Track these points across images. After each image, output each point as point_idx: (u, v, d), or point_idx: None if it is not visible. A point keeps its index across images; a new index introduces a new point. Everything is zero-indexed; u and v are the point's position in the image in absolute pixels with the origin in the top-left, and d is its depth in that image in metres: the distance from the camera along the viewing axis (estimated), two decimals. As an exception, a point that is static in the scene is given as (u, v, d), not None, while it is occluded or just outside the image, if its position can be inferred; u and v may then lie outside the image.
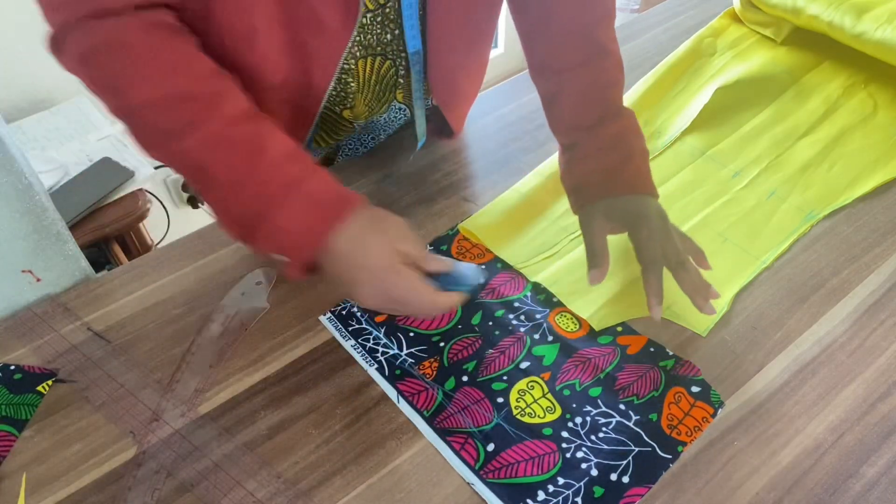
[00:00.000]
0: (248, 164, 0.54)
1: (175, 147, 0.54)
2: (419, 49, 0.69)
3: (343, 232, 0.54)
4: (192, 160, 0.54)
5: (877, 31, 0.91)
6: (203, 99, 0.54)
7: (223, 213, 0.56)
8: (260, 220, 0.54)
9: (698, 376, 0.63)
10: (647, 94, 0.94)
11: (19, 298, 0.71)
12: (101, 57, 0.53)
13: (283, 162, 0.55)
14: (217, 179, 0.54)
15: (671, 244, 0.64)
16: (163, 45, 0.54)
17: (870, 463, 0.57)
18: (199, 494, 0.56)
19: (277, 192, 0.54)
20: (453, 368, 0.64)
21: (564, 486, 0.56)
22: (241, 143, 0.54)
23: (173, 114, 0.53)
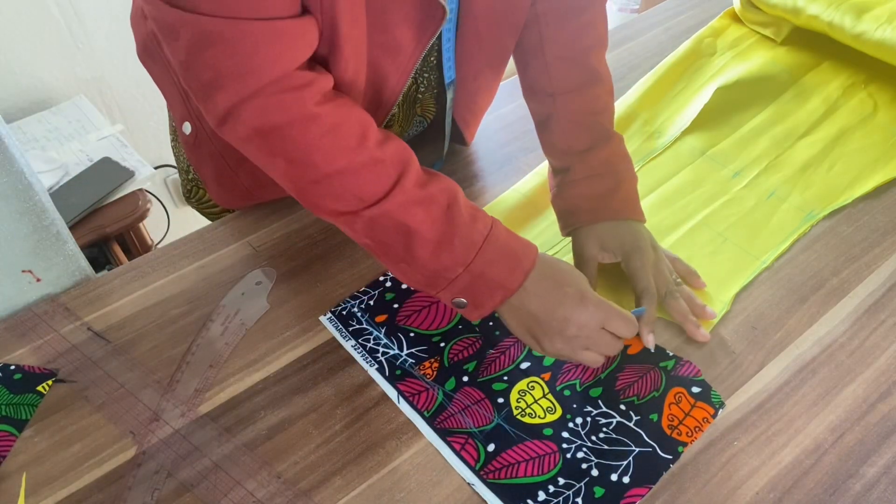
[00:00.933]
0: (449, 221, 0.57)
1: (374, 210, 0.56)
2: (453, 78, 0.71)
3: (534, 278, 0.58)
4: (393, 221, 0.56)
5: (877, 31, 0.91)
6: (392, 163, 0.56)
7: (420, 268, 0.58)
8: (463, 271, 0.57)
9: (698, 377, 0.63)
10: (647, 94, 0.94)
11: (19, 298, 0.71)
12: (289, 130, 0.54)
13: (475, 215, 0.58)
14: (422, 236, 0.56)
15: (662, 274, 0.67)
16: (345, 113, 0.56)
17: (870, 463, 0.57)
18: (199, 494, 0.56)
19: (480, 244, 0.57)
20: (454, 369, 0.64)
21: (565, 486, 0.56)
22: (438, 202, 0.57)
23: (370, 179, 0.56)
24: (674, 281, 0.68)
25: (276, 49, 0.52)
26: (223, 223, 0.79)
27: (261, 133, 0.54)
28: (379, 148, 0.56)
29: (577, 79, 0.71)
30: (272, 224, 0.78)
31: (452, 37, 0.66)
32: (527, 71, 0.74)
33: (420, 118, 0.77)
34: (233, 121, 0.54)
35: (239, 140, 0.56)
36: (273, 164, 0.57)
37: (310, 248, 0.75)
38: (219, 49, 0.51)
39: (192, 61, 0.52)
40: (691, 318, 0.65)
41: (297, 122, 0.54)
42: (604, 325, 0.59)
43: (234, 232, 0.77)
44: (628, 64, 1.02)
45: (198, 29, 0.50)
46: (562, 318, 0.58)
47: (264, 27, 0.50)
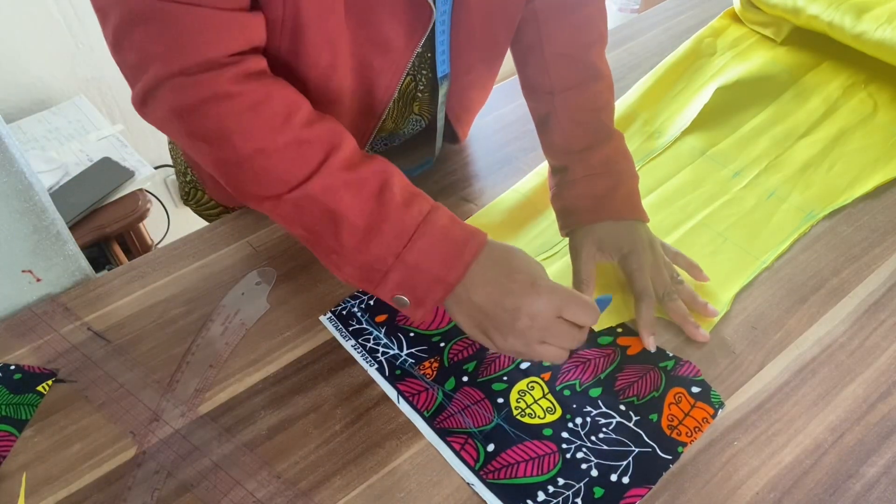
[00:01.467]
0: (379, 205, 0.53)
1: (296, 193, 0.53)
2: (447, 73, 0.70)
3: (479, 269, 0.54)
4: (318, 205, 0.53)
5: (877, 31, 0.91)
6: (319, 143, 0.53)
7: (351, 258, 0.54)
8: (395, 261, 0.53)
9: (698, 377, 0.63)
10: (647, 94, 0.94)
11: (19, 298, 0.71)
12: (205, 109, 0.51)
13: (410, 200, 0.54)
14: (349, 222, 0.53)
15: (660, 275, 0.66)
16: (269, 91, 0.53)
17: (870, 463, 0.57)
18: (199, 494, 0.56)
19: (412, 231, 0.53)
20: (453, 369, 0.64)
21: (564, 486, 0.56)
22: (368, 185, 0.53)
23: (292, 160, 0.53)
24: (675, 280, 0.67)
25: (206, 36, 0.50)
26: (223, 223, 0.79)
27: (177, 113, 0.52)
28: (306, 128, 0.53)
29: (576, 76, 0.70)
30: (272, 224, 0.78)
31: (447, 29, 0.65)
32: (526, 69, 0.73)
33: (417, 117, 0.77)
34: (152, 101, 0.52)
35: (158, 121, 0.54)
36: (194, 146, 0.54)
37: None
38: (146, 29, 0.49)
39: (119, 42, 0.51)
40: (690, 320, 0.65)
41: (211, 100, 0.51)
42: (560, 312, 0.54)
43: (234, 232, 0.77)
44: (628, 64, 1.02)
45: (126, 9, 0.49)
46: (511, 308, 0.53)
47: (197, 13, 0.49)
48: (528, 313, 0.53)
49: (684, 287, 0.67)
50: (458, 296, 0.54)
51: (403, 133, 0.79)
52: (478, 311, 0.54)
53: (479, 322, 0.55)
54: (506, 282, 0.54)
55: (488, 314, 0.54)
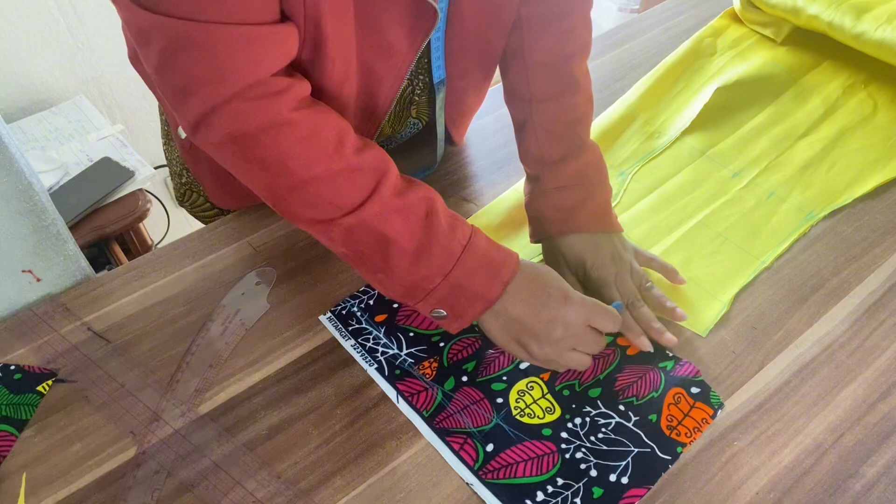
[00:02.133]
0: (427, 230, 0.56)
1: (350, 219, 0.55)
2: (443, 77, 0.71)
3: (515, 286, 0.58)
4: (370, 230, 0.55)
5: (877, 31, 0.91)
6: (370, 171, 0.56)
7: (398, 278, 0.57)
8: (441, 281, 0.56)
9: (698, 377, 0.63)
10: (647, 94, 0.94)
11: (19, 298, 0.71)
12: (264, 135, 0.53)
13: (454, 224, 0.58)
14: (400, 246, 0.56)
15: (625, 284, 0.67)
16: (322, 119, 0.55)
17: (870, 463, 0.57)
18: (199, 494, 0.56)
19: (458, 254, 0.57)
20: (453, 368, 0.64)
21: (564, 486, 0.56)
22: (416, 211, 0.56)
23: (346, 186, 0.55)
24: (643, 287, 0.67)
25: (250, 55, 0.51)
26: (223, 223, 0.79)
27: (234, 139, 0.53)
28: (356, 155, 0.55)
29: (555, 86, 0.70)
30: (272, 224, 0.78)
31: (442, 35, 0.66)
32: (507, 75, 0.73)
33: (415, 120, 0.77)
34: (205, 127, 0.53)
35: (212, 146, 0.55)
36: (248, 170, 0.56)
37: (310, 248, 0.75)
38: (192, 54, 0.49)
39: (164, 66, 0.51)
40: (654, 325, 0.65)
41: (271, 128, 0.53)
42: (589, 321, 0.59)
43: (234, 232, 0.77)
44: (628, 64, 1.02)
45: (170, 33, 0.49)
46: (548, 320, 0.58)
47: (239, 32, 0.49)
48: (563, 323, 0.58)
49: (653, 292, 0.67)
50: (496, 311, 0.58)
51: (400, 136, 0.79)
52: (515, 324, 0.58)
53: (515, 334, 0.59)
54: (542, 296, 0.58)
55: (526, 326, 0.58)
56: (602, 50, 1.05)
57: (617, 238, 0.69)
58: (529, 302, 0.58)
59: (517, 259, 0.59)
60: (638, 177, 0.84)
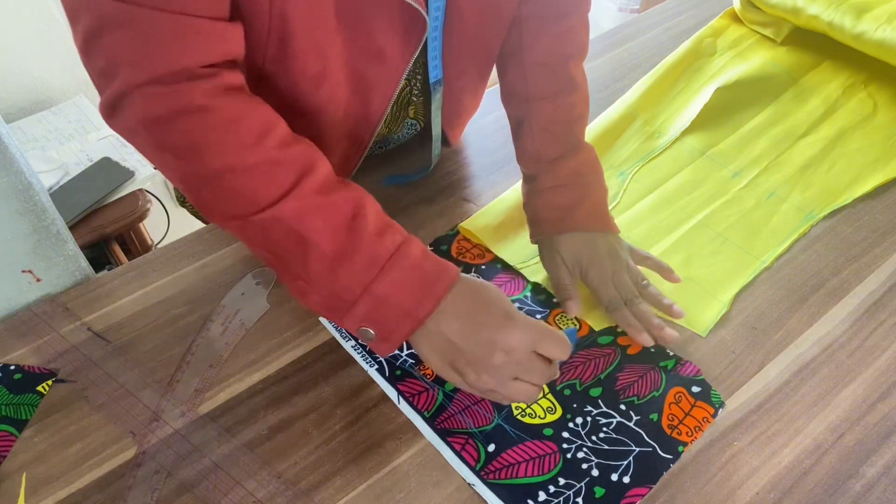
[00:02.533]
0: (350, 233, 0.51)
1: (265, 215, 0.51)
2: (440, 77, 0.70)
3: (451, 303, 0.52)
4: (287, 229, 0.51)
5: (877, 31, 0.91)
6: (292, 165, 0.51)
7: (317, 285, 0.52)
8: (363, 292, 0.51)
9: (698, 376, 0.63)
10: (647, 94, 0.94)
11: (19, 298, 0.71)
12: (176, 121, 0.49)
13: (384, 229, 0.53)
14: (319, 249, 0.51)
15: (622, 282, 0.66)
16: (245, 109, 0.51)
17: (870, 463, 0.57)
18: (199, 494, 0.56)
19: (384, 262, 0.51)
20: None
21: (565, 486, 0.56)
22: (340, 211, 0.52)
23: (263, 180, 0.50)
24: (640, 285, 0.67)
25: (178, 43, 0.48)
26: (223, 223, 0.79)
27: (146, 123, 0.50)
28: (280, 148, 0.51)
29: (552, 86, 0.70)
30: (272, 224, 0.78)
31: (439, 35, 0.65)
32: (505, 75, 0.73)
33: (413, 121, 0.77)
34: (120, 110, 0.50)
35: (126, 131, 0.52)
36: (161, 159, 0.52)
37: (310, 248, 0.75)
38: (116, 35, 0.47)
39: (88, 47, 0.49)
40: (653, 321, 0.64)
41: (183, 113, 0.49)
42: (535, 346, 0.52)
43: (234, 232, 0.77)
44: (628, 64, 1.02)
45: (99, 13, 0.47)
46: (486, 342, 0.51)
47: (171, 20, 0.47)
48: (503, 347, 0.51)
49: (649, 290, 0.67)
50: (428, 330, 0.53)
51: (398, 137, 0.79)
52: (449, 347, 0.52)
53: (450, 358, 0.53)
54: (480, 315, 0.52)
55: (461, 349, 0.52)
56: (602, 50, 1.05)
57: (613, 237, 0.69)
58: (467, 320, 0.52)
59: (456, 273, 0.53)
60: (638, 177, 0.84)
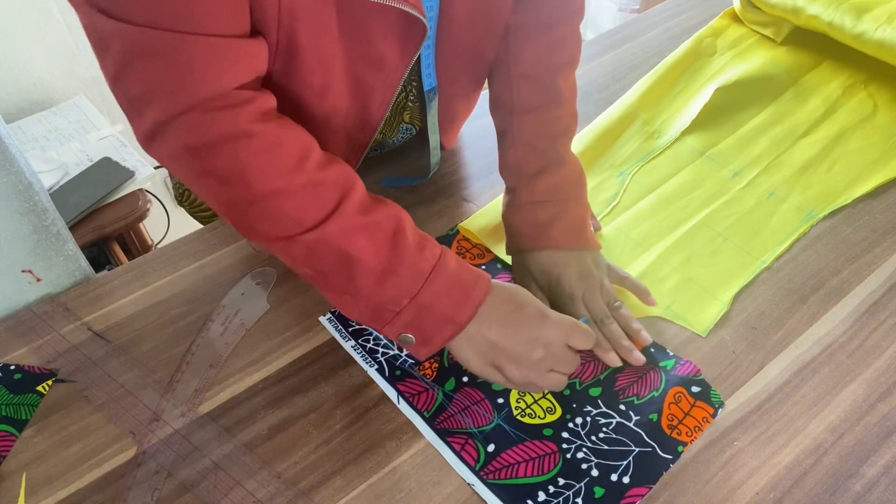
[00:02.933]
0: (394, 248, 0.54)
1: (311, 235, 0.53)
2: (434, 85, 0.70)
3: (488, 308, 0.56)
4: (333, 248, 0.53)
5: (877, 31, 0.91)
6: (333, 187, 0.54)
7: (363, 299, 0.55)
8: (409, 302, 0.54)
9: (698, 376, 0.63)
10: (647, 93, 0.94)
11: (19, 298, 0.71)
12: (221, 147, 0.51)
13: (423, 244, 0.56)
14: (365, 265, 0.54)
15: (594, 300, 0.66)
16: (284, 133, 0.53)
17: (870, 463, 0.57)
18: (199, 494, 0.56)
19: (427, 274, 0.54)
20: (453, 369, 0.64)
21: (565, 486, 0.56)
22: (382, 229, 0.54)
23: (307, 202, 0.53)
24: (612, 306, 0.66)
25: (213, 67, 0.49)
26: (223, 223, 0.79)
27: (190, 151, 0.51)
28: (319, 170, 0.54)
29: (538, 98, 0.69)
30: (272, 224, 0.78)
31: (432, 43, 0.65)
32: (492, 84, 0.72)
33: (408, 125, 0.76)
34: (161, 138, 0.51)
35: (168, 159, 0.53)
36: (205, 184, 0.54)
37: (310, 248, 0.75)
38: (151, 63, 0.48)
39: (121, 74, 0.49)
40: (623, 343, 0.63)
41: (229, 139, 0.51)
42: (568, 340, 0.57)
43: (234, 232, 0.77)
44: (628, 64, 1.02)
45: (130, 40, 0.47)
46: (527, 340, 0.56)
47: (202, 43, 0.47)
48: (543, 343, 0.56)
49: (621, 312, 0.66)
50: (469, 335, 0.56)
51: (392, 142, 0.79)
52: (490, 347, 0.56)
53: (491, 358, 0.57)
54: (518, 317, 0.57)
55: (503, 348, 0.56)
56: (602, 50, 1.05)
57: (590, 255, 0.68)
58: (505, 323, 0.56)
59: (489, 281, 0.57)
60: (638, 177, 0.84)
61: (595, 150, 0.86)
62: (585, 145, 0.86)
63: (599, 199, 0.81)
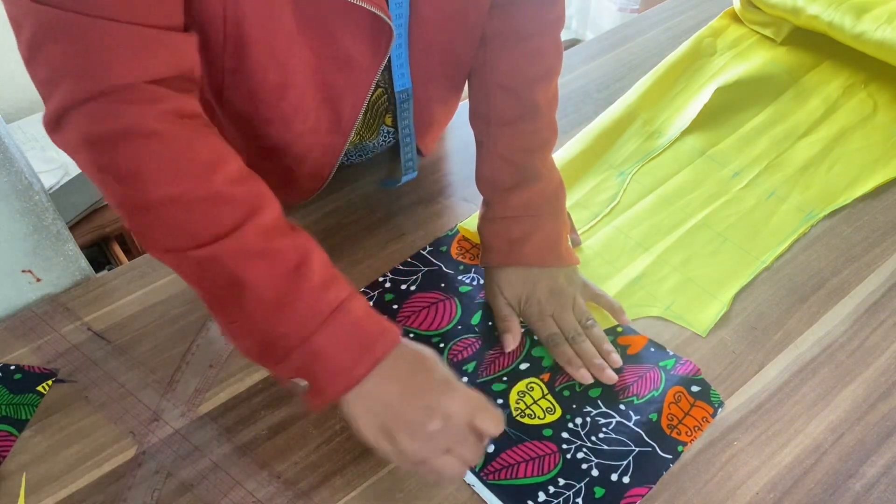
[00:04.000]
0: (293, 282, 0.49)
1: (203, 253, 0.48)
2: (407, 87, 0.68)
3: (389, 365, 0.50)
4: (225, 270, 0.48)
5: (877, 31, 0.91)
6: (240, 204, 0.49)
7: (252, 330, 0.50)
8: (300, 343, 0.49)
9: (698, 376, 0.63)
10: (647, 93, 0.94)
11: (19, 298, 0.71)
12: (122, 144, 0.47)
13: (329, 283, 0.50)
14: (256, 294, 0.49)
15: (566, 319, 0.64)
16: (196, 138, 0.49)
17: (870, 463, 0.57)
18: (199, 494, 0.56)
19: (325, 316, 0.49)
20: (453, 369, 0.64)
21: (565, 486, 0.56)
22: (284, 259, 0.49)
23: (206, 215, 0.48)
24: (584, 324, 0.64)
25: (124, 56, 0.45)
26: (223, 223, 0.79)
27: (90, 142, 0.47)
28: (229, 184, 0.49)
29: (514, 111, 0.67)
30: (272, 224, 0.78)
31: (404, 42, 0.63)
32: (471, 93, 0.71)
33: (390, 129, 0.75)
34: (63, 125, 0.47)
35: (69, 147, 0.49)
36: (103, 181, 0.49)
37: (310, 248, 0.75)
38: (60, 45, 0.45)
39: (32, 57, 0.46)
40: (595, 362, 0.62)
41: (130, 136, 0.46)
42: (473, 418, 0.50)
43: (234, 232, 0.77)
44: (628, 64, 1.02)
45: (41, 21, 0.44)
46: (425, 406, 0.49)
47: (115, 29, 0.44)
48: (443, 413, 0.50)
49: (593, 331, 0.64)
50: (365, 391, 0.50)
51: (374, 145, 0.77)
52: (385, 409, 0.50)
53: (383, 421, 0.50)
54: (421, 380, 0.51)
55: (398, 412, 0.50)
56: (602, 50, 1.05)
57: (563, 272, 0.66)
58: (407, 383, 0.50)
59: (397, 335, 0.51)
60: (638, 177, 0.84)
61: (595, 150, 0.86)
62: (585, 145, 0.86)
63: (599, 199, 0.81)
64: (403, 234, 0.76)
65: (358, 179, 0.83)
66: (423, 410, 0.49)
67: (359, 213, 0.79)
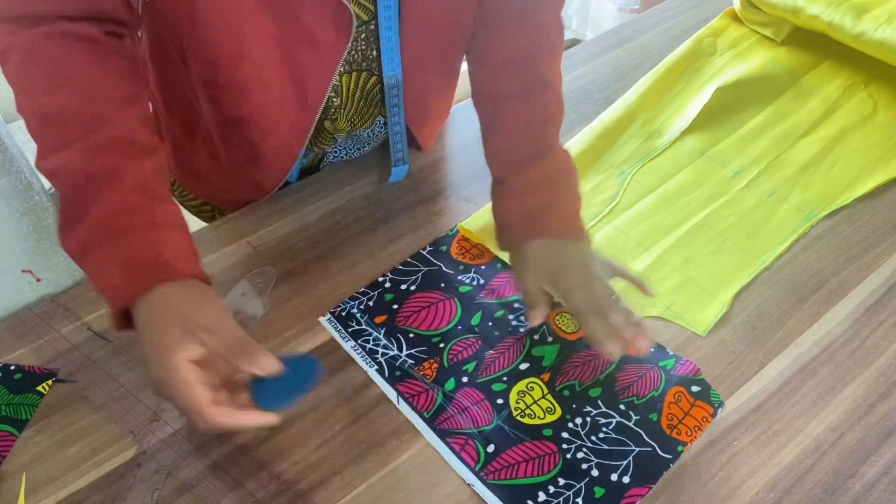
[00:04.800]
0: (94, 195, 0.51)
1: (47, 163, 0.52)
2: (397, 73, 0.68)
3: (150, 298, 0.50)
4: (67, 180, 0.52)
5: (877, 31, 0.91)
6: (80, 122, 0.52)
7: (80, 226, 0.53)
8: (93, 221, 0.52)
9: (698, 376, 0.63)
10: (647, 94, 0.94)
11: (19, 298, 0.71)
12: (12, 59, 0.53)
13: (129, 193, 0.52)
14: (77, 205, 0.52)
15: (591, 293, 0.61)
16: (67, 58, 0.53)
17: (870, 463, 0.57)
18: (199, 494, 0.56)
19: (119, 225, 0.51)
20: (453, 369, 0.64)
21: (565, 486, 0.56)
22: (99, 174, 0.52)
23: (48, 130, 0.53)
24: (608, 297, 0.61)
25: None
26: (224, 222, 0.79)
27: None
28: (83, 102, 0.53)
29: (521, 85, 0.67)
30: (272, 224, 0.78)
31: (394, 25, 0.63)
32: (475, 76, 0.71)
33: (385, 120, 0.75)
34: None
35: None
36: None
37: (310, 248, 0.75)
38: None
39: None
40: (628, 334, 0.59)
41: (13, 52, 0.52)
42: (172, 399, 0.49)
43: (234, 232, 0.77)
44: (628, 64, 1.02)
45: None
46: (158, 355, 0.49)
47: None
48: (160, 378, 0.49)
49: (621, 304, 0.62)
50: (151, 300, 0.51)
51: (368, 136, 0.77)
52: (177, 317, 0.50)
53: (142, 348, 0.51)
54: (161, 326, 0.50)
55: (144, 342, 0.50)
56: (602, 50, 1.05)
57: (585, 246, 0.65)
58: (153, 325, 0.50)
59: (184, 274, 0.53)
60: (638, 177, 0.84)
61: (595, 150, 0.86)
62: (585, 145, 0.86)
63: (599, 199, 0.81)
64: (403, 234, 0.76)
65: (358, 179, 0.83)
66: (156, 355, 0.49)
67: (359, 213, 0.79)
